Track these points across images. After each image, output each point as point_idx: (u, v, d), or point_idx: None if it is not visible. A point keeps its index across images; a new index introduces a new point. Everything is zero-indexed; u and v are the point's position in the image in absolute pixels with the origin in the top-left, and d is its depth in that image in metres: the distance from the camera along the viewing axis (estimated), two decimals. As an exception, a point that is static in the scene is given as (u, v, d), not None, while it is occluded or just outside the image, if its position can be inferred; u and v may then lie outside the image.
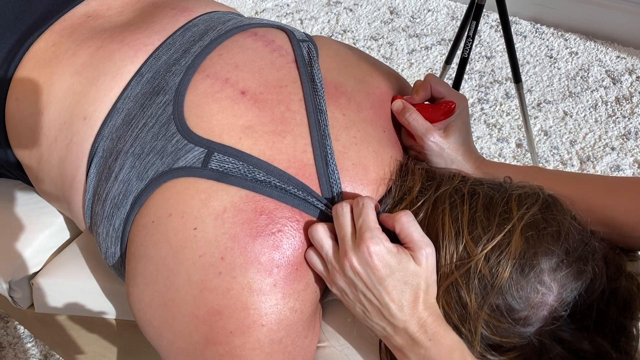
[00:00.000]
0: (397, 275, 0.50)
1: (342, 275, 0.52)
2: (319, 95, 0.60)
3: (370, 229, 0.50)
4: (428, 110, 0.64)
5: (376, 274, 0.50)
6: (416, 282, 0.50)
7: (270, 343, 0.52)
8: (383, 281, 0.49)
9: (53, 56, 0.64)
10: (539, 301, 0.48)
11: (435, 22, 2.05)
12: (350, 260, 0.50)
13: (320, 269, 0.54)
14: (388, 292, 0.50)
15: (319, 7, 2.15)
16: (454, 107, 0.63)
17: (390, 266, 0.50)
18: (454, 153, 0.64)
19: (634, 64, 1.82)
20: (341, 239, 0.52)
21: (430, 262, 0.50)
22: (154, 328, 0.56)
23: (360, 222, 0.51)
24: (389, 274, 0.49)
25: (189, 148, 0.55)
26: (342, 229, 0.52)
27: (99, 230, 0.60)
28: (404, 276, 0.50)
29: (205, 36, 0.64)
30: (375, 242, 0.49)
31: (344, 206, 0.53)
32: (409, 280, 0.50)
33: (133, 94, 0.60)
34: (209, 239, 0.52)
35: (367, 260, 0.49)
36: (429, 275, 0.50)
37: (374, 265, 0.49)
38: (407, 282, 0.50)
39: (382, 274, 0.49)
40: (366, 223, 0.50)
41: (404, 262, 0.50)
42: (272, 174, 0.54)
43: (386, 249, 0.50)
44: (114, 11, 0.69)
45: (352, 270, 0.51)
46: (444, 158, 0.64)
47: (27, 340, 1.24)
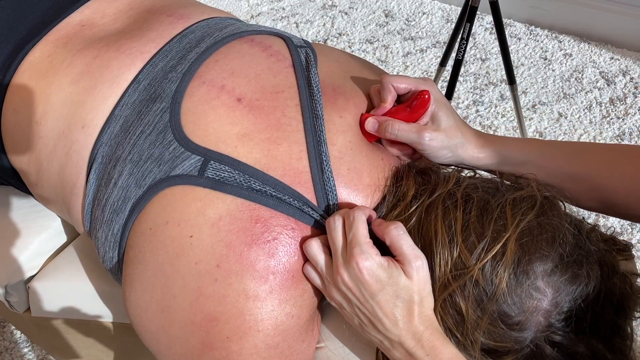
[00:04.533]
0: (389, 289, 0.49)
1: (337, 290, 0.52)
2: (316, 100, 0.60)
3: (359, 244, 0.50)
4: (405, 111, 0.60)
5: (367, 289, 0.50)
6: (409, 296, 0.49)
7: (266, 348, 0.53)
8: (375, 296, 0.49)
9: (49, 66, 0.64)
10: (533, 306, 0.49)
11: (430, 24, 2.05)
12: (342, 276, 0.50)
13: (318, 283, 0.54)
14: (381, 306, 0.50)
15: (315, 10, 2.16)
16: (428, 96, 0.59)
17: (381, 281, 0.49)
18: (455, 138, 0.60)
19: (627, 65, 1.83)
20: (334, 254, 0.52)
21: (422, 275, 0.50)
22: (151, 334, 0.56)
23: (350, 236, 0.51)
24: (380, 288, 0.49)
25: (185, 156, 0.55)
26: (334, 243, 0.52)
27: (97, 234, 0.60)
28: (395, 290, 0.49)
29: (201, 43, 0.64)
30: (364, 258, 0.49)
31: (336, 220, 0.53)
32: (401, 294, 0.49)
33: (130, 101, 0.60)
34: (205, 247, 0.52)
35: (357, 276, 0.49)
36: (421, 287, 0.50)
37: (364, 281, 0.49)
38: (399, 296, 0.49)
39: (373, 289, 0.49)
40: (356, 238, 0.50)
41: (394, 276, 0.49)
42: (267, 183, 0.54)
43: (377, 263, 0.49)
44: (108, 19, 0.69)
45: (344, 285, 0.51)
46: (448, 148, 0.60)
47: (23, 345, 1.24)
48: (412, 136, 0.59)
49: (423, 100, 0.59)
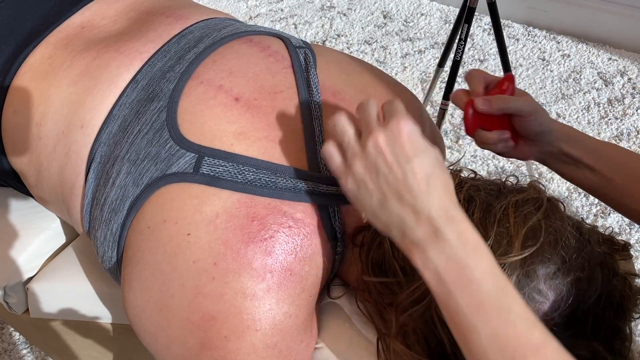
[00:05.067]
0: (426, 155, 0.45)
1: (363, 159, 0.47)
2: (315, 100, 0.60)
3: (400, 111, 0.47)
4: (503, 92, 0.61)
5: (404, 152, 0.45)
6: (445, 171, 0.46)
7: (264, 348, 0.52)
8: (410, 160, 0.45)
9: (50, 68, 0.64)
10: (535, 309, 0.48)
11: (428, 25, 2.06)
12: (375, 138, 0.46)
13: (338, 161, 0.50)
14: (415, 172, 0.45)
15: (313, 11, 2.16)
16: (511, 76, 0.61)
17: (420, 146, 0.45)
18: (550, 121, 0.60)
19: (625, 66, 1.83)
20: (366, 122, 0.48)
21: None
22: (149, 333, 0.56)
23: (389, 108, 0.48)
24: (417, 153, 0.45)
25: (180, 154, 0.55)
26: (367, 115, 0.48)
27: (96, 234, 0.60)
28: (433, 158, 0.46)
29: (200, 43, 0.64)
30: (406, 121, 0.45)
31: (371, 102, 0.50)
32: (439, 163, 0.46)
33: (129, 100, 0.60)
34: (202, 245, 0.52)
35: (395, 137, 0.45)
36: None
37: (402, 143, 0.45)
38: (436, 164, 0.46)
39: (409, 152, 0.45)
40: (396, 108, 0.47)
41: (433, 148, 0.46)
42: (261, 167, 0.54)
43: (418, 130, 0.46)
44: (108, 20, 0.69)
45: (376, 149, 0.46)
46: (544, 114, 0.59)
47: (22, 347, 1.24)
48: (519, 102, 0.58)
49: (510, 78, 0.61)
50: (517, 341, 0.40)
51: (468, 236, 0.44)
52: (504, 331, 0.41)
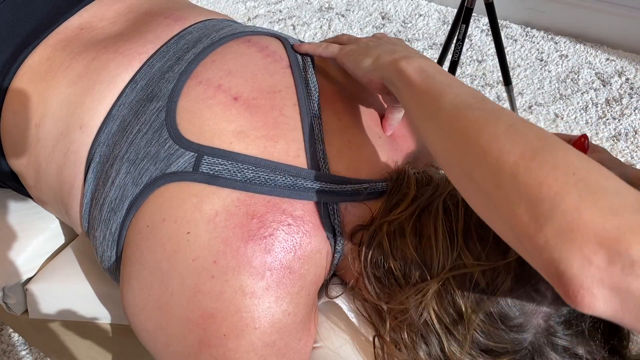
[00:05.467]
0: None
1: (359, 41, 0.63)
2: (313, 99, 0.60)
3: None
4: (584, 149, 0.59)
5: (393, 38, 0.62)
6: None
7: (263, 346, 0.53)
8: (400, 40, 0.61)
9: (48, 69, 0.64)
10: (533, 308, 0.48)
11: (426, 26, 2.06)
12: (365, 38, 0.63)
13: (336, 48, 0.64)
14: (405, 45, 0.60)
15: (312, 12, 2.16)
16: (586, 135, 0.59)
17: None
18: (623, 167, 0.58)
19: (623, 66, 1.84)
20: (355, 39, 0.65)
21: None
22: (148, 332, 0.56)
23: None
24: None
25: (180, 153, 0.55)
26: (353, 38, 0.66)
27: (96, 233, 0.61)
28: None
29: (198, 43, 0.64)
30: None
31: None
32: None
33: (128, 101, 0.61)
34: (201, 243, 0.52)
35: (378, 35, 0.64)
36: None
37: (384, 35, 0.64)
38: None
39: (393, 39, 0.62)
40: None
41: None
42: (259, 165, 0.55)
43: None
44: (107, 22, 0.70)
45: (375, 35, 0.64)
46: (624, 177, 0.59)
47: (21, 348, 1.24)
48: (598, 156, 0.57)
49: (584, 136, 0.59)
50: (499, 114, 0.44)
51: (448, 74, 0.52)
52: (491, 105, 0.45)
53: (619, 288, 0.33)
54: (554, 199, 0.36)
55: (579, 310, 0.35)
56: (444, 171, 0.49)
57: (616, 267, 0.33)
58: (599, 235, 0.33)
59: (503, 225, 0.40)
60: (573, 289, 0.35)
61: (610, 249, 0.33)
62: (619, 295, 0.33)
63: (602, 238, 0.33)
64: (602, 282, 0.33)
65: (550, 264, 0.36)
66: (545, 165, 0.38)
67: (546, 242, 0.36)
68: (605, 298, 0.34)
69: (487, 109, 0.44)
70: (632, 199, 0.35)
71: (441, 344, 0.51)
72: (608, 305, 0.34)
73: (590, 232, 0.34)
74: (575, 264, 0.34)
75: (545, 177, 0.37)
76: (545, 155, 0.38)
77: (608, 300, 0.34)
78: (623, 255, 0.33)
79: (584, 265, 0.34)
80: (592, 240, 0.34)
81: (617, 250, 0.33)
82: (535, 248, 0.37)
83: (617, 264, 0.33)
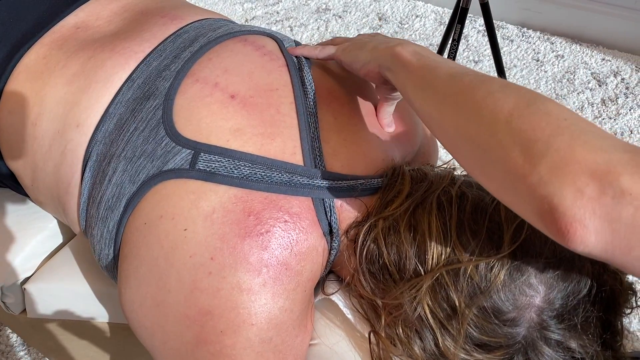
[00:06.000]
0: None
1: (351, 39, 0.65)
2: (309, 98, 0.61)
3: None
4: None
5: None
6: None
7: (260, 342, 0.53)
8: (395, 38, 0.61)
9: (44, 68, 0.65)
10: (526, 303, 0.49)
11: (423, 27, 2.07)
12: (360, 35, 0.66)
13: (332, 49, 0.66)
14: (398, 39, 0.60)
15: (309, 14, 2.17)
16: None
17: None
18: None
19: (618, 66, 1.85)
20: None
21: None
22: (146, 329, 0.56)
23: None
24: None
25: (177, 150, 0.56)
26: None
27: (93, 232, 0.61)
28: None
29: (195, 42, 0.65)
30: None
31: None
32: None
33: (124, 99, 0.61)
34: (198, 240, 0.52)
35: (371, 33, 0.65)
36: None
37: (378, 34, 0.65)
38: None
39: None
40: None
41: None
42: (256, 162, 0.55)
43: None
44: (103, 21, 0.70)
45: (361, 35, 0.66)
46: None
47: (19, 349, 1.24)
48: None
49: None
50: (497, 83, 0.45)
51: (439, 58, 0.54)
52: (483, 73, 0.47)
53: (610, 217, 0.35)
54: (547, 139, 0.38)
55: (571, 247, 0.37)
56: (439, 139, 0.50)
57: (607, 197, 0.34)
58: (590, 168, 0.35)
59: (497, 173, 0.42)
60: (566, 222, 0.36)
61: (602, 180, 0.35)
62: (610, 225, 0.35)
63: (594, 171, 0.35)
64: (594, 213, 0.35)
65: (543, 199, 0.37)
66: (538, 112, 0.40)
67: (540, 179, 0.37)
68: (597, 230, 0.35)
69: (480, 75, 0.47)
70: (619, 142, 0.37)
71: (435, 338, 0.51)
72: (599, 238, 0.35)
73: (583, 166, 0.36)
74: (569, 195, 0.36)
75: (538, 122, 0.39)
76: (537, 105, 0.41)
77: (599, 231, 0.35)
78: (614, 185, 0.34)
79: (576, 197, 0.35)
80: (584, 173, 0.35)
81: (607, 181, 0.35)
82: (529, 187, 0.38)
83: (608, 194, 0.34)
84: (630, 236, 0.34)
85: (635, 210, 0.34)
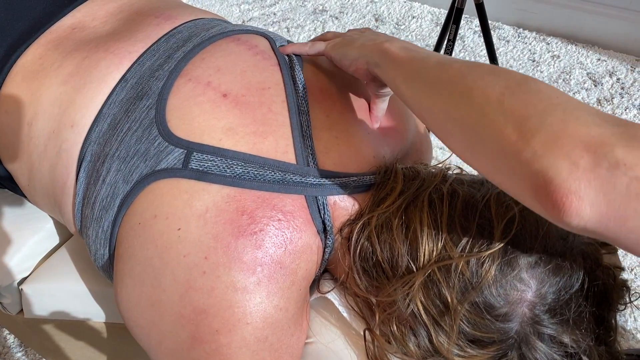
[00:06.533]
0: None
1: (341, 34, 0.66)
2: (301, 96, 0.61)
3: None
4: None
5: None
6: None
7: (255, 341, 0.53)
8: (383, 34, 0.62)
9: (40, 68, 0.65)
10: (517, 298, 0.49)
11: (419, 28, 2.07)
12: (350, 31, 0.66)
13: (322, 45, 0.66)
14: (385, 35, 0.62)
15: (305, 15, 2.17)
16: None
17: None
18: None
19: (614, 66, 1.85)
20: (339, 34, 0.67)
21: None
22: (141, 329, 0.57)
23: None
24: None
25: (169, 150, 0.56)
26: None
27: (88, 232, 0.61)
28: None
29: (188, 42, 0.65)
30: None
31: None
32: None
33: (118, 99, 0.61)
34: (192, 239, 0.53)
35: (360, 29, 0.66)
36: None
37: (368, 29, 0.65)
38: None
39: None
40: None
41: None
42: (249, 161, 0.55)
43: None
44: (99, 22, 0.70)
45: (350, 31, 0.66)
46: None
47: (17, 350, 1.24)
48: None
49: None
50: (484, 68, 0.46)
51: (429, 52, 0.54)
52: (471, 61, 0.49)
53: (605, 187, 0.35)
54: (540, 115, 0.38)
55: (567, 220, 0.37)
56: (430, 128, 0.51)
57: (602, 168, 0.35)
58: (584, 141, 0.36)
59: (490, 152, 0.42)
60: (562, 194, 0.36)
61: (596, 152, 0.35)
62: (605, 196, 0.35)
63: (588, 143, 0.36)
64: (589, 184, 0.35)
65: (538, 174, 0.37)
66: (530, 90, 0.41)
67: (534, 154, 0.38)
68: (592, 201, 0.35)
69: (469, 62, 0.47)
70: (611, 117, 0.38)
71: (429, 335, 0.52)
72: (594, 209, 0.36)
73: (577, 139, 0.36)
74: (563, 168, 0.36)
75: (530, 99, 0.40)
76: (529, 84, 0.41)
77: (594, 203, 0.35)
78: (608, 156, 0.35)
79: (571, 169, 0.36)
80: (578, 146, 0.36)
81: (602, 153, 0.35)
82: (524, 163, 0.38)
83: (602, 166, 0.35)
84: (625, 206, 0.35)
85: (630, 181, 0.34)
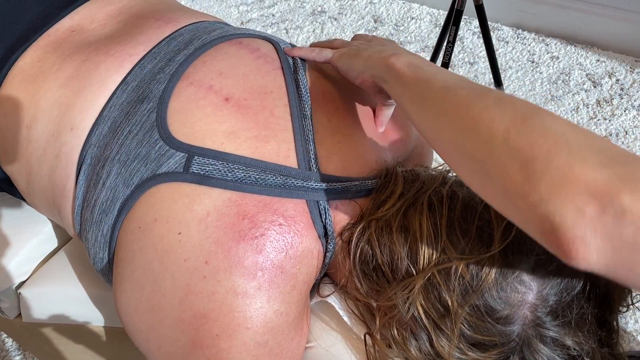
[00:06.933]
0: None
1: (349, 44, 0.65)
2: (304, 101, 0.61)
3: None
4: None
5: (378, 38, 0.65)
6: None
7: (256, 346, 0.53)
8: (390, 41, 0.63)
9: (39, 71, 0.64)
10: (519, 300, 0.49)
11: (418, 29, 2.07)
12: (356, 38, 0.67)
13: (329, 53, 0.65)
14: (392, 44, 0.63)
15: (304, 16, 2.17)
16: None
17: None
18: None
19: (613, 67, 1.85)
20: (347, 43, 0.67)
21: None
22: (141, 333, 0.56)
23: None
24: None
25: (170, 154, 0.56)
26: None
27: (87, 235, 0.61)
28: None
29: (189, 45, 0.65)
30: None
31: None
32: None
33: (119, 102, 0.61)
34: (193, 244, 0.52)
35: (367, 37, 0.66)
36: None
37: (374, 37, 0.66)
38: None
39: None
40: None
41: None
42: (250, 165, 0.55)
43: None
44: (98, 24, 0.70)
45: (363, 37, 0.66)
46: None
47: (15, 354, 1.23)
48: None
49: None
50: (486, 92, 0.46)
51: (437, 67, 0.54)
52: (478, 85, 0.47)
53: (612, 236, 0.35)
54: (545, 157, 0.38)
55: (574, 264, 0.37)
56: (438, 153, 0.50)
57: (608, 216, 0.34)
58: (590, 186, 0.35)
59: (497, 190, 0.42)
60: (568, 240, 0.36)
61: (602, 199, 0.35)
62: (612, 243, 0.35)
63: (594, 189, 0.35)
64: (595, 231, 0.35)
65: (544, 219, 0.37)
66: (535, 128, 0.40)
67: (540, 198, 0.37)
68: (599, 248, 0.35)
69: (475, 87, 0.46)
70: (618, 154, 0.37)
71: (430, 339, 0.51)
72: (601, 256, 0.35)
73: (582, 185, 0.36)
74: (569, 215, 0.36)
75: (536, 139, 0.39)
76: (534, 119, 0.40)
77: (601, 250, 0.35)
78: (614, 204, 0.34)
79: (577, 216, 0.35)
80: (584, 192, 0.35)
81: (608, 200, 0.34)
82: (530, 206, 0.38)
83: (608, 213, 0.34)
84: (632, 255, 0.35)
85: (636, 230, 0.34)
